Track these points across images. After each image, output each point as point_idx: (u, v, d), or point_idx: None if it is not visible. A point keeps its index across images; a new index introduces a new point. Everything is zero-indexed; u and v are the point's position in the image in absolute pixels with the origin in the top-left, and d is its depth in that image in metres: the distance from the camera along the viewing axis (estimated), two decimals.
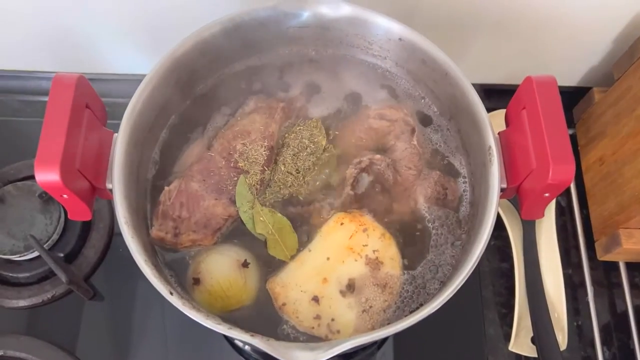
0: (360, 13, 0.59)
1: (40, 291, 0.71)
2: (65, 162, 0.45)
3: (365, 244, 0.55)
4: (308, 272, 0.54)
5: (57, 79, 0.48)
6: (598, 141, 0.77)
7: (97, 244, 0.74)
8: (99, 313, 0.72)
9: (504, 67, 0.82)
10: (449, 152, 0.61)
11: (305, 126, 0.61)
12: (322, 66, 0.64)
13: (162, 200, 0.56)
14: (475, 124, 0.55)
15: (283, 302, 0.53)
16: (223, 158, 0.58)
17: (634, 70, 0.70)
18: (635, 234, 0.71)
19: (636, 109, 0.68)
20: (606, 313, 0.76)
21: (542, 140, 0.48)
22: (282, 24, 0.60)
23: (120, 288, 0.73)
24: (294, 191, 0.58)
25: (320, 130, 0.60)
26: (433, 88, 0.61)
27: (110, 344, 0.71)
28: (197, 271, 0.55)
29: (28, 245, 0.69)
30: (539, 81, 0.50)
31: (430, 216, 0.58)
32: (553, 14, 0.71)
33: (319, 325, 0.52)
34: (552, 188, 0.48)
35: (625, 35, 0.74)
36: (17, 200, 0.72)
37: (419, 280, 0.55)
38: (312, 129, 0.60)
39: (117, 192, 0.50)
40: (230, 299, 0.54)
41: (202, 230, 0.55)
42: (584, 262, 0.77)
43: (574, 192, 0.81)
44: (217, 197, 0.56)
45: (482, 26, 0.74)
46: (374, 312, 0.53)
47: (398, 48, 0.60)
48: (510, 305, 0.73)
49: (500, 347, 0.72)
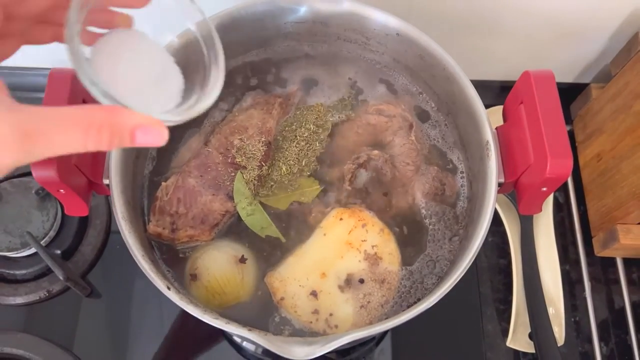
0: (357, 8, 0.59)
1: (37, 288, 0.71)
2: (61, 157, 0.45)
3: (364, 239, 0.55)
4: (307, 266, 0.54)
5: (53, 74, 0.48)
6: (595, 137, 0.77)
7: (94, 241, 0.74)
8: (96, 310, 0.72)
9: (501, 63, 0.82)
10: (447, 147, 0.61)
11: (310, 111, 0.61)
12: (319, 61, 0.64)
13: (159, 195, 0.56)
14: (473, 119, 0.55)
15: (281, 296, 0.53)
16: (220, 154, 0.58)
17: (631, 66, 0.70)
18: (633, 230, 0.72)
19: (633, 105, 0.68)
20: (604, 309, 0.76)
21: (540, 135, 0.48)
22: (280, 19, 0.60)
23: (117, 285, 0.73)
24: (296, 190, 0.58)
25: (325, 113, 0.61)
26: (431, 83, 0.61)
27: (107, 340, 0.71)
28: (195, 267, 0.55)
29: (25, 242, 0.69)
30: (536, 76, 0.50)
31: (428, 211, 0.58)
32: (550, 10, 0.71)
33: (317, 320, 0.52)
34: (550, 182, 0.48)
35: (623, 32, 0.74)
36: (13, 197, 0.71)
37: (416, 276, 0.55)
38: (317, 112, 0.60)
39: (114, 188, 0.50)
40: (227, 295, 0.54)
41: (199, 226, 0.55)
42: (582, 258, 0.77)
43: (572, 188, 0.81)
44: (215, 193, 0.56)
45: (480, 22, 0.74)
46: (372, 308, 0.53)
47: (396, 43, 0.60)
48: (508, 301, 0.73)
49: (498, 343, 0.72)
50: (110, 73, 0.35)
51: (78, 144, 0.30)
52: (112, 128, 0.31)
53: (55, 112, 0.29)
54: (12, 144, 0.28)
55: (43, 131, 0.29)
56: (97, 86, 0.32)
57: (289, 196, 0.57)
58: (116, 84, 0.34)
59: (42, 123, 0.29)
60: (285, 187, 0.58)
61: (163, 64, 0.41)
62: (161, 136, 0.33)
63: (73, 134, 0.30)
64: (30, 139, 0.28)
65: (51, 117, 0.29)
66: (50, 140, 0.29)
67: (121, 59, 0.38)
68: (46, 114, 0.29)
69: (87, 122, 0.30)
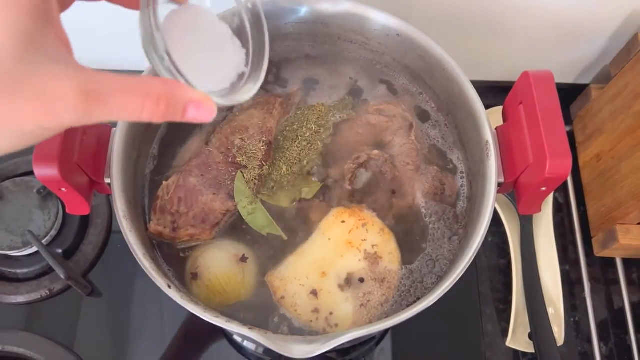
0: (358, 9, 0.59)
1: (38, 287, 0.71)
2: (63, 156, 0.45)
3: (365, 239, 0.55)
4: (307, 266, 0.54)
5: None
6: (595, 138, 0.77)
7: (95, 240, 0.74)
8: (96, 309, 0.72)
9: (500, 64, 0.83)
10: (447, 147, 0.61)
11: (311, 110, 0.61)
12: (319, 62, 0.64)
13: (160, 194, 0.56)
14: (473, 119, 0.55)
15: (282, 295, 0.54)
16: (221, 153, 0.58)
17: (631, 67, 0.70)
18: (632, 230, 0.72)
19: (633, 105, 0.69)
20: (603, 309, 0.76)
21: (539, 135, 0.48)
22: (280, 19, 0.60)
23: (118, 284, 0.73)
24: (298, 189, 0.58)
25: (327, 112, 0.61)
26: (431, 84, 0.62)
27: (108, 339, 0.71)
28: (195, 266, 0.55)
29: (26, 241, 0.69)
30: (536, 76, 0.50)
31: (427, 211, 0.58)
32: (550, 11, 0.71)
33: (317, 319, 0.53)
34: (549, 182, 0.48)
35: (622, 32, 0.74)
36: (15, 196, 0.72)
37: (416, 275, 0.56)
38: (319, 112, 0.61)
39: (115, 187, 0.51)
40: (228, 293, 0.54)
41: (200, 225, 0.56)
42: (581, 258, 0.77)
43: (572, 189, 0.81)
44: (215, 192, 0.56)
45: (480, 23, 0.74)
46: (372, 307, 0.54)
47: (396, 44, 0.60)
48: (507, 301, 0.73)
49: (498, 343, 0.72)
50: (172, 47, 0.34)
51: (135, 111, 0.30)
52: (169, 101, 0.32)
53: (116, 78, 0.30)
54: (74, 103, 0.28)
55: (104, 94, 0.29)
56: (163, 59, 0.33)
57: (290, 192, 0.58)
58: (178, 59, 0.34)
59: (104, 86, 0.29)
60: (285, 187, 0.58)
61: (224, 41, 0.41)
62: (211, 113, 0.34)
63: (132, 100, 0.30)
64: (91, 100, 0.28)
65: (113, 81, 0.30)
66: (109, 103, 0.29)
67: (185, 34, 0.38)
68: (108, 78, 0.30)
69: (145, 91, 0.31)
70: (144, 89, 0.31)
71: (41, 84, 0.28)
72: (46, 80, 0.28)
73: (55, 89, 0.28)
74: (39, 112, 0.28)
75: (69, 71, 0.29)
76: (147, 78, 0.32)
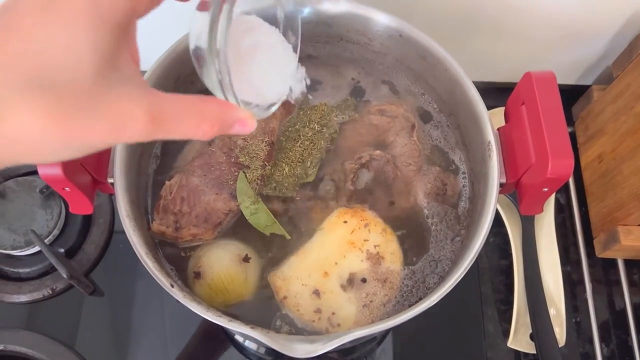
0: (361, 9, 0.59)
1: (40, 286, 0.71)
2: None
3: (367, 239, 0.55)
4: (309, 265, 0.55)
5: None
6: (597, 139, 0.77)
7: (97, 239, 0.74)
8: (98, 308, 0.72)
9: (502, 65, 0.83)
10: (449, 148, 0.62)
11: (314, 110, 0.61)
12: (322, 62, 0.65)
13: (163, 194, 0.56)
14: (475, 119, 0.55)
15: (284, 295, 0.54)
16: (224, 153, 0.58)
17: (633, 67, 0.70)
18: (634, 231, 0.72)
19: (635, 106, 0.69)
20: (605, 310, 0.76)
21: (541, 135, 0.48)
22: None
23: (120, 284, 0.74)
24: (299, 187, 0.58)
25: (329, 112, 0.61)
26: (433, 84, 0.62)
27: (109, 339, 0.71)
28: (198, 265, 0.55)
29: (29, 241, 0.69)
30: (538, 77, 0.50)
31: (430, 211, 0.58)
32: (552, 12, 0.72)
33: (319, 319, 0.53)
34: (551, 182, 0.48)
35: (624, 33, 0.74)
36: (18, 196, 0.72)
37: (418, 275, 0.56)
38: (321, 112, 0.61)
39: (118, 186, 0.51)
40: (230, 293, 0.54)
41: (202, 225, 0.56)
42: (583, 259, 0.77)
43: (573, 190, 0.81)
44: (218, 192, 0.56)
45: (481, 24, 0.74)
46: (374, 307, 0.54)
47: (398, 44, 0.60)
48: (509, 301, 0.73)
49: (499, 344, 0.72)
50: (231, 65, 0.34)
51: (190, 132, 0.32)
52: (222, 123, 0.33)
53: (176, 99, 0.31)
54: (142, 125, 0.29)
55: (166, 117, 0.31)
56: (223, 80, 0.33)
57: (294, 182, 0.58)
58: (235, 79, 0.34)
59: (166, 108, 0.31)
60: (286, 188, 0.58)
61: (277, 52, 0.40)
62: (252, 128, 0.35)
63: (190, 122, 0.32)
64: (156, 123, 0.30)
65: (173, 103, 0.31)
66: (170, 126, 0.31)
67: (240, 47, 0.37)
68: (170, 100, 0.31)
69: (201, 113, 0.32)
70: (199, 109, 0.32)
71: (115, 105, 0.29)
72: (119, 102, 0.29)
73: (127, 111, 0.29)
74: (110, 132, 0.29)
75: (140, 92, 0.30)
76: (202, 98, 0.33)
